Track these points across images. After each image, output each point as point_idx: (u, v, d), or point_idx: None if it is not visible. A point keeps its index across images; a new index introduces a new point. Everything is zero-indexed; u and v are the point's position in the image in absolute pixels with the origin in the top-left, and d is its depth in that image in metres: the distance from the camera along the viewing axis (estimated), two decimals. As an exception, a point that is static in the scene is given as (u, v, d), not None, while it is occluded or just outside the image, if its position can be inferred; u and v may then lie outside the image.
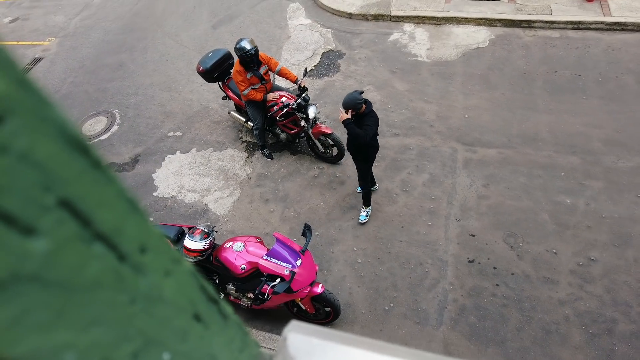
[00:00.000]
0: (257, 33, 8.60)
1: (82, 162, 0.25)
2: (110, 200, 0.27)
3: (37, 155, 0.22)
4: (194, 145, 6.71)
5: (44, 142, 0.22)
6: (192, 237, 4.12)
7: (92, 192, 0.25)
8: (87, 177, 0.25)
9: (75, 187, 0.24)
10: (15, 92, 0.21)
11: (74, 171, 0.24)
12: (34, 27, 10.19)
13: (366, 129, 4.34)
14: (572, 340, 4.22)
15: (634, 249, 4.76)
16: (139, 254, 0.30)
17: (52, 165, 0.23)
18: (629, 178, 5.39)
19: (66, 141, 0.24)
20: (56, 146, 0.23)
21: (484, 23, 7.93)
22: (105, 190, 0.27)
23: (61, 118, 0.24)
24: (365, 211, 5.35)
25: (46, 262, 0.23)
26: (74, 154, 0.24)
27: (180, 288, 0.36)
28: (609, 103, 6.32)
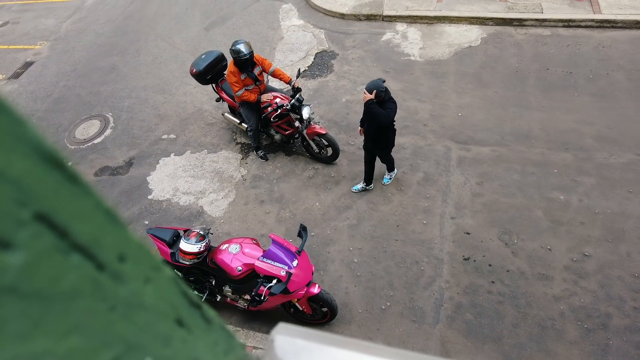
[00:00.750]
0: (250, 34, 8.60)
1: (57, 176, 0.26)
2: (87, 212, 0.28)
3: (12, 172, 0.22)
4: (188, 148, 6.69)
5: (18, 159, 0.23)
6: (187, 240, 4.11)
7: (68, 205, 0.26)
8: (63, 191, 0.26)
9: (51, 201, 0.25)
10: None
11: (50, 186, 0.25)
12: (24, 30, 10.12)
13: (388, 111, 4.57)
14: (568, 335, 4.26)
15: (627, 244, 4.81)
16: (118, 263, 0.31)
17: (27, 181, 0.23)
18: (620, 174, 5.45)
19: (41, 158, 0.25)
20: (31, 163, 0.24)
21: (475, 22, 7.97)
22: (82, 203, 0.28)
23: (35, 135, 0.25)
24: (390, 175, 5.68)
25: (23, 274, 0.23)
26: (49, 169, 0.25)
27: (161, 294, 0.36)
28: (600, 100, 6.38)
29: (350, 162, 6.08)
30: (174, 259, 4.27)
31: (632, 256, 4.71)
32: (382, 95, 4.54)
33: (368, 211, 5.49)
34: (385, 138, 4.92)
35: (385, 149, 5.12)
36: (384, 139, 4.92)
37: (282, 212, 5.66)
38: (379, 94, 4.52)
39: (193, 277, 4.56)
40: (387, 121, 4.57)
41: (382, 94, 4.53)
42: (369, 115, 4.68)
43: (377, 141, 4.98)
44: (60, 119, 7.57)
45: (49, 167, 0.25)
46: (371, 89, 4.52)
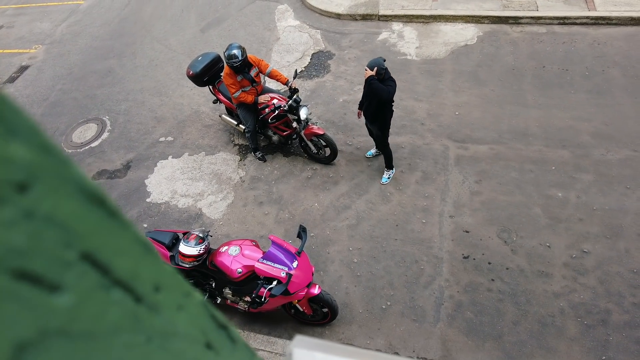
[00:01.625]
0: (246, 36, 8.59)
1: (99, 214, 0.26)
2: (126, 246, 0.29)
3: (59, 216, 0.23)
4: (186, 150, 6.68)
5: (65, 201, 0.23)
6: (187, 243, 4.10)
7: (109, 241, 0.26)
8: (105, 228, 0.26)
9: (95, 239, 0.25)
10: (39, 157, 0.22)
11: (93, 224, 0.25)
12: (19, 34, 10.07)
13: (388, 88, 4.78)
14: (568, 332, 4.27)
15: (625, 240, 4.83)
16: (154, 293, 0.31)
17: (73, 223, 0.24)
18: (618, 170, 5.47)
19: (85, 197, 0.25)
20: (76, 203, 0.24)
21: (471, 20, 7.99)
22: (121, 237, 0.28)
23: (79, 175, 0.25)
24: (388, 173, 5.74)
25: (71, 315, 0.23)
26: (92, 207, 0.25)
27: (192, 320, 0.37)
28: (597, 96, 6.41)
29: (349, 162, 6.08)
30: (174, 262, 4.26)
31: (630, 252, 4.73)
32: (382, 73, 4.74)
33: (367, 211, 5.49)
34: (383, 117, 5.09)
35: (383, 130, 5.24)
36: (382, 118, 5.09)
37: (281, 213, 5.66)
38: (380, 72, 4.72)
39: (193, 279, 4.55)
40: (387, 96, 4.74)
41: (383, 72, 4.73)
42: (369, 92, 4.87)
43: (374, 121, 5.17)
44: (57, 122, 7.54)
45: (92, 205, 0.26)
46: (372, 66, 4.72)
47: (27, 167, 0.21)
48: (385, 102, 4.88)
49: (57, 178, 0.23)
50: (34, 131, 0.23)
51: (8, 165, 0.20)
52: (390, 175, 5.75)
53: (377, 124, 5.22)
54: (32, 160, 0.21)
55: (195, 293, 0.38)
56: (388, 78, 4.83)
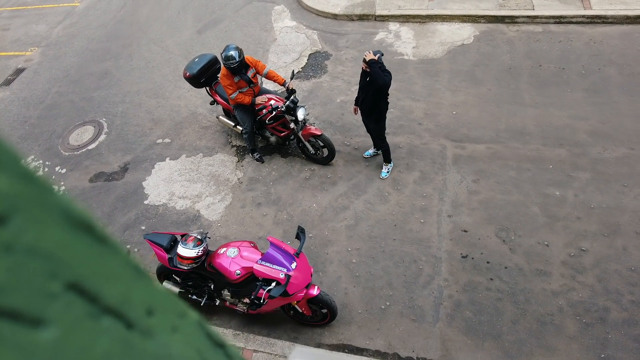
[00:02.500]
0: (243, 37, 8.58)
1: (87, 240, 0.25)
2: (116, 272, 0.28)
3: (43, 246, 0.22)
4: (184, 152, 6.67)
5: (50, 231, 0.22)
6: (185, 245, 4.09)
7: (98, 268, 0.26)
8: (93, 255, 0.25)
9: (82, 268, 0.24)
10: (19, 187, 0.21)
11: (80, 252, 0.24)
12: (15, 37, 10.04)
13: (386, 75, 4.90)
14: (567, 330, 4.28)
15: (623, 238, 4.84)
16: (147, 317, 0.30)
17: (58, 252, 0.23)
18: (615, 168, 5.48)
19: (71, 224, 0.24)
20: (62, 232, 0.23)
21: (467, 20, 8.00)
22: (111, 263, 0.27)
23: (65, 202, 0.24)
24: (387, 167, 5.79)
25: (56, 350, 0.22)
26: (79, 234, 0.24)
27: (187, 341, 0.36)
28: (593, 95, 6.42)
29: (346, 163, 6.08)
30: (172, 264, 4.25)
31: (628, 250, 4.74)
32: (379, 65, 4.82)
33: (365, 211, 5.49)
34: (379, 110, 5.17)
35: (379, 122, 5.31)
36: (378, 110, 5.18)
37: (279, 214, 5.65)
38: (379, 61, 4.82)
39: (191, 281, 4.54)
40: (384, 83, 4.81)
41: (380, 63, 4.82)
42: (365, 83, 4.99)
43: (371, 114, 5.24)
44: (53, 125, 7.51)
45: (79, 232, 0.24)
46: (374, 54, 4.84)
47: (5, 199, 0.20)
48: (380, 92, 4.95)
49: (40, 207, 0.22)
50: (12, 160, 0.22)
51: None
52: (390, 169, 5.80)
53: (373, 117, 5.28)
54: (10, 190, 0.20)
55: (191, 312, 0.37)
56: (384, 70, 4.92)
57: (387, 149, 5.62)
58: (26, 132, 7.47)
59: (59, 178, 6.62)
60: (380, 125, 5.38)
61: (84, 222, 0.25)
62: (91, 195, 6.30)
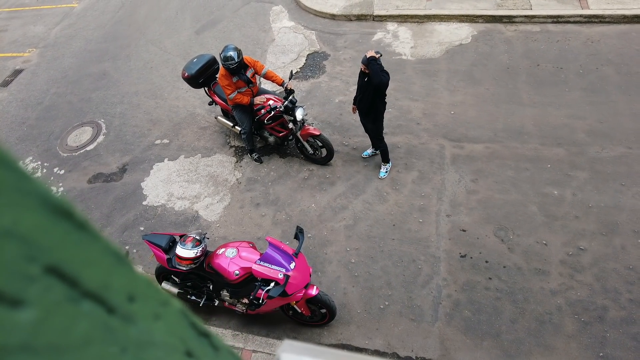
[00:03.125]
0: (241, 37, 8.58)
1: (65, 226, 0.25)
2: (96, 258, 0.28)
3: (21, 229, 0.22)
4: (182, 152, 6.66)
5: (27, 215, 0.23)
6: (184, 245, 4.09)
7: (77, 253, 0.26)
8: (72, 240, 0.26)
9: (61, 252, 0.25)
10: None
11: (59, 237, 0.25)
12: (12, 38, 10.02)
13: (383, 75, 4.96)
14: (565, 329, 4.29)
15: (621, 237, 4.85)
16: (128, 304, 0.31)
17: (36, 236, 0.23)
18: (613, 167, 5.50)
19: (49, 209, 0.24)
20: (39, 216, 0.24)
21: (465, 19, 8.01)
22: (91, 249, 0.27)
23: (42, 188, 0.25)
24: (385, 167, 5.80)
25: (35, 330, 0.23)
26: (57, 220, 0.25)
27: (170, 329, 0.37)
28: (591, 94, 6.44)
29: (345, 163, 6.08)
30: (171, 265, 4.25)
31: (626, 249, 4.75)
32: (379, 64, 4.87)
33: (364, 211, 5.49)
34: (376, 109, 5.20)
35: (377, 122, 5.34)
36: (375, 110, 5.21)
37: (278, 214, 5.65)
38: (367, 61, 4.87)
39: (190, 282, 4.54)
40: (380, 82, 4.86)
41: (379, 63, 4.87)
42: (363, 83, 5.03)
43: (368, 114, 5.27)
44: (51, 126, 7.50)
45: (57, 217, 0.25)
46: (365, 61, 4.89)
47: None
48: (378, 92, 4.98)
49: (17, 192, 0.22)
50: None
51: None
52: (388, 169, 5.81)
53: (371, 117, 5.30)
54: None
55: (174, 301, 0.38)
56: (382, 70, 4.96)
57: (385, 149, 5.63)
58: (24, 134, 7.46)
59: (58, 179, 6.61)
60: (378, 125, 5.39)
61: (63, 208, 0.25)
62: (90, 196, 6.29)
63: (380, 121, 5.37)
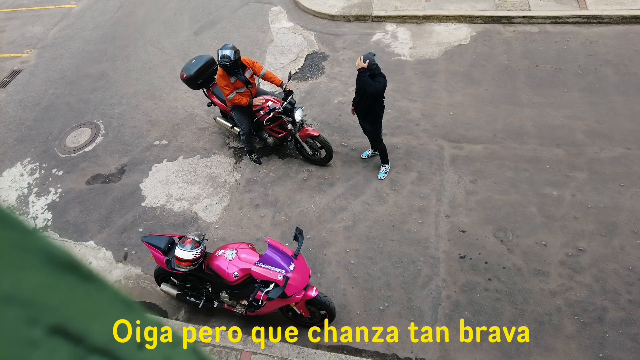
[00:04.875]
0: (240, 38, 8.57)
1: (71, 280, 0.24)
2: (104, 309, 0.26)
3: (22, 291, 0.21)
4: (181, 153, 6.65)
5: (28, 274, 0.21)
6: (182, 247, 4.08)
7: (84, 307, 0.24)
8: (78, 294, 0.24)
9: (66, 309, 0.23)
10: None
11: (64, 293, 0.23)
12: (10, 39, 9.99)
13: (376, 84, 4.93)
14: (565, 330, 4.29)
15: (620, 237, 4.86)
16: (138, 352, 0.29)
17: (40, 296, 0.21)
18: (612, 168, 5.50)
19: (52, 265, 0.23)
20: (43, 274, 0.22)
21: (464, 20, 8.02)
22: (98, 301, 0.26)
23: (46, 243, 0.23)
24: (385, 168, 5.80)
25: None
26: (62, 275, 0.23)
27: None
28: (589, 95, 6.45)
29: (344, 164, 6.08)
30: (170, 267, 4.24)
31: (625, 249, 4.76)
32: (373, 69, 4.86)
33: (363, 212, 5.49)
34: (374, 112, 5.21)
35: (375, 124, 5.34)
36: (373, 113, 5.20)
37: (277, 215, 5.64)
38: (371, 67, 4.85)
39: (189, 283, 4.53)
40: (374, 91, 4.88)
41: (374, 67, 4.86)
42: (359, 84, 5.02)
43: (366, 116, 5.27)
44: (50, 127, 7.48)
45: (62, 272, 0.23)
46: (364, 59, 4.86)
47: None
48: (374, 97, 4.98)
49: (18, 251, 0.21)
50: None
51: None
52: (387, 170, 5.81)
53: (369, 119, 5.31)
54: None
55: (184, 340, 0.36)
56: (379, 74, 4.94)
57: (384, 150, 5.64)
58: (22, 135, 7.44)
59: (56, 180, 6.59)
60: (376, 127, 5.40)
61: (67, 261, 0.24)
62: (88, 197, 6.27)
63: (378, 123, 5.37)
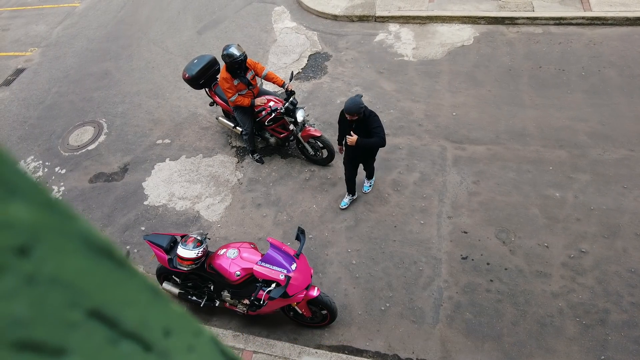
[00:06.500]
0: (243, 37, 8.58)
1: (107, 266, 0.25)
2: (135, 295, 0.27)
3: (65, 275, 0.21)
4: (183, 152, 6.66)
5: (71, 259, 0.22)
6: (185, 246, 4.09)
7: (117, 293, 0.25)
8: (113, 280, 0.25)
9: (102, 294, 0.24)
10: (41, 216, 0.21)
11: (100, 278, 0.24)
12: (15, 37, 10.03)
13: (378, 131, 4.50)
14: (567, 332, 4.28)
15: (623, 240, 4.84)
16: (164, 339, 0.30)
17: (79, 280, 0.22)
18: (615, 170, 5.48)
19: (91, 250, 0.24)
20: (83, 259, 0.23)
21: (468, 21, 8.01)
22: (130, 287, 0.27)
23: (86, 228, 0.24)
24: (370, 182, 5.58)
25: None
26: (99, 261, 0.24)
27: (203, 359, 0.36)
28: (593, 96, 6.43)
29: (347, 164, 6.08)
30: (172, 265, 4.25)
31: (628, 251, 4.74)
32: (361, 112, 4.38)
33: (365, 212, 5.48)
34: (373, 151, 5.03)
35: (374, 157, 5.17)
36: (372, 152, 5.04)
37: (279, 215, 5.64)
38: (359, 112, 4.36)
39: (191, 282, 4.53)
40: (383, 143, 4.56)
41: (362, 109, 4.37)
42: (365, 149, 4.76)
43: (369, 158, 5.11)
44: (53, 125, 7.51)
45: (99, 258, 0.24)
46: (353, 111, 4.35)
47: (27, 229, 0.20)
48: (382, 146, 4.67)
49: (62, 235, 0.22)
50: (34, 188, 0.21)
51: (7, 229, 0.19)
52: (372, 183, 5.67)
53: (371, 160, 5.17)
54: (33, 220, 0.20)
55: (205, 330, 0.38)
56: (369, 114, 4.50)
57: (373, 169, 5.48)
58: (26, 133, 7.46)
59: (59, 178, 6.61)
60: (374, 159, 5.20)
61: (104, 247, 0.25)
62: (91, 195, 6.29)
63: (375, 154, 5.11)
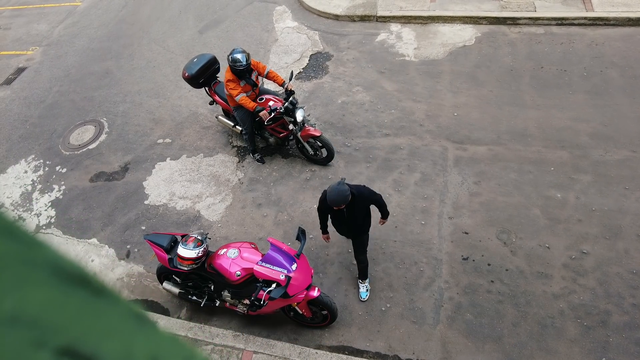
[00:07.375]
0: (244, 37, 8.57)
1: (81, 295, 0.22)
2: (116, 325, 0.24)
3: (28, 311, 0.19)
4: (184, 152, 6.66)
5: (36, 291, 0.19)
6: (185, 246, 4.08)
7: (95, 325, 0.22)
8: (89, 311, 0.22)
9: (76, 328, 0.21)
10: None
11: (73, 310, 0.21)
12: (16, 36, 10.04)
13: (377, 198, 4.14)
14: (568, 333, 4.27)
15: (624, 241, 4.83)
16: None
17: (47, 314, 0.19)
18: (616, 170, 5.47)
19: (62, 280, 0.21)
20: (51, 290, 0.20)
21: (469, 21, 7.99)
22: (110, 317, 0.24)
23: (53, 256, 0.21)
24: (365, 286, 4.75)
25: None
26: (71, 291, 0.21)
27: None
28: (595, 97, 6.41)
29: (347, 164, 6.07)
30: (172, 265, 4.24)
31: (629, 253, 4.73)
32: (349, 198, 3.82)
33: (366, 212, 5.47)
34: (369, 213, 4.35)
35: (367, 230, 4.44)
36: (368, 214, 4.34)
37: (279, 215, 5.64)
38: (347, 201, 3.81)
39: (191, 282, 4.53)
40: (383, 201, 4.21)
41: (349, 196, 3.81)
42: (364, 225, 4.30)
43: (365, 226, 4.38)
44: (54, 124, 7.51)
45: (72, 287, 0.21)
46: (341, 202, 3.81)
47: None
48: None
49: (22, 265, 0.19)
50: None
51: None
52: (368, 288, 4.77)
53: (368, 229, 4.41)
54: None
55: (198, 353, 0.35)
56: (359, 193, 3.99)
57: (366, 261, 4.59)
58: (27, 132, 7.46)
59: (59, 177, 6.61)
60: (367, 233, 4.47)
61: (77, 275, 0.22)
62: (91, 195, 6.29)
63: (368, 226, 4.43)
